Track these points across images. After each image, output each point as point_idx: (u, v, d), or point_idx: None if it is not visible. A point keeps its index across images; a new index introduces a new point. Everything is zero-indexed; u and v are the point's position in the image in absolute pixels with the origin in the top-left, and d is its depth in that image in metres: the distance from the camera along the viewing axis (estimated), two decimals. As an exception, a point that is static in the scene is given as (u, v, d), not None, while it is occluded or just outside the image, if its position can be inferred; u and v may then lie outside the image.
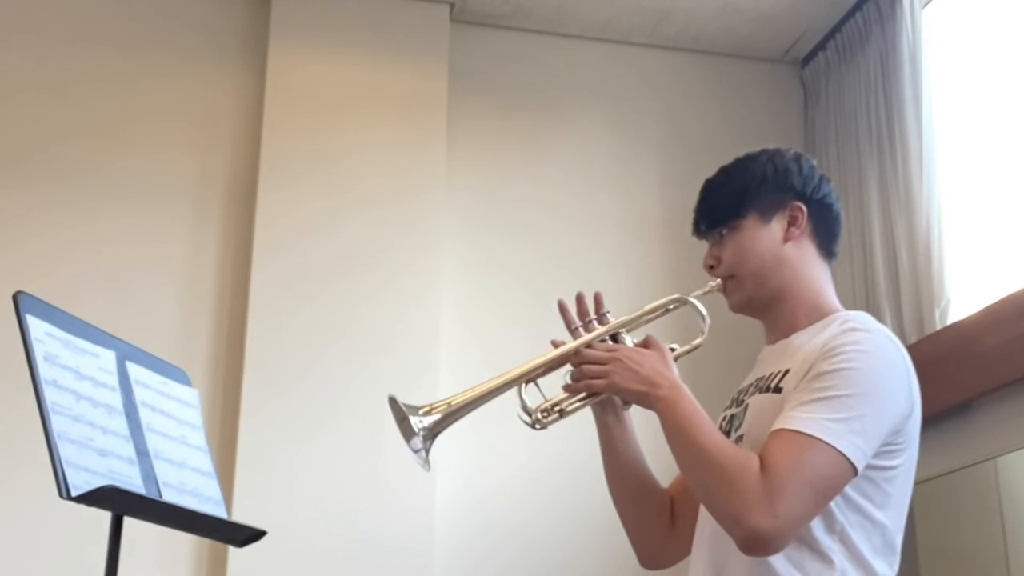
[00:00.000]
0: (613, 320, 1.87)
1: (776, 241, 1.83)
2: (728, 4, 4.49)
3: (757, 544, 1.57)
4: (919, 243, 3.87)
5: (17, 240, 3.95)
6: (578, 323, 1.89)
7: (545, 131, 4.57)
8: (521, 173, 4.50)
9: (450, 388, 4.09)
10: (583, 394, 1.84)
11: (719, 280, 1.86)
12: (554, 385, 1.86)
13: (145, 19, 4.32)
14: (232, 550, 3.61)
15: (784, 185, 1.85)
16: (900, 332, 3.96)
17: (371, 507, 3.82)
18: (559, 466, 4.11)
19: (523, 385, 1.87)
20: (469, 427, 4.51)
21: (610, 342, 1.84)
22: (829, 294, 1.85)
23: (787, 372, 1.72)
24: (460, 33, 4.51)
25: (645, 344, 1.82)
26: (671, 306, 1.91)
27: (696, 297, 1.88)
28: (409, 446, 1.87)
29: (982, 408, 3.54)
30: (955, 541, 3.54)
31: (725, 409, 1.87)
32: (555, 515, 4.09)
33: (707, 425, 1.68)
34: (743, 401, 1.81)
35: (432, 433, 1.87)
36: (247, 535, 2.05)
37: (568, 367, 1.85)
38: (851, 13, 4.48)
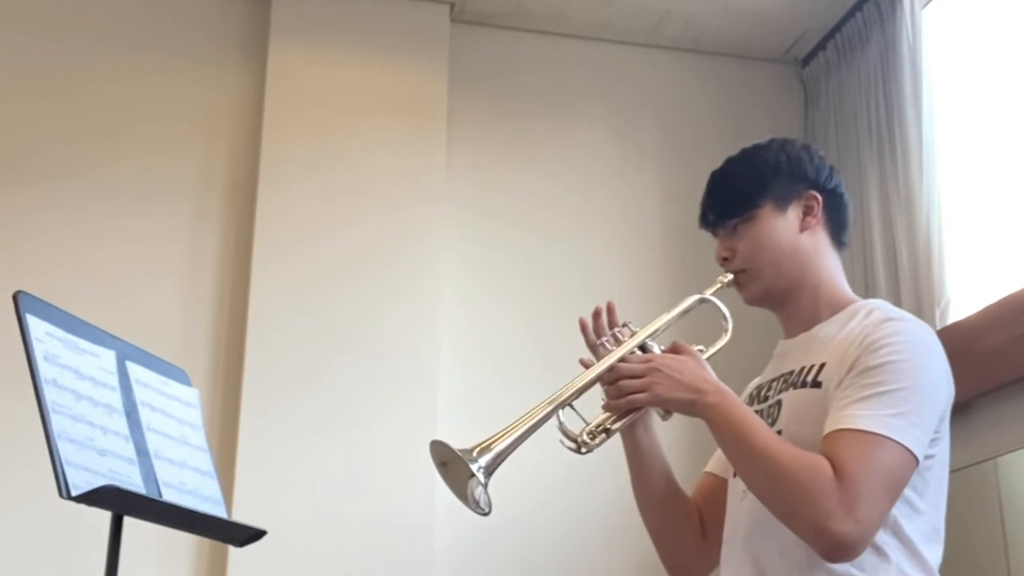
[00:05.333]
0: (637, 330, 1.80)
1: (793, 231, 1.80)
2: (728, 4, 4.49)
3: (841, 551, 1.54)
4: (919, 243, 3.87)
5: (17, 240, 3.95)
6: (601, 338, 1.81)
7: (545, 131, 4.57)
8: (521, 173, 4.50)
9: (450, 388, 4.13)
10: (626, 410, 1.75)
11: (731, 275, 1.81)
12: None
13: (145, 19, 4.31)
14: (232, 550, 3.60)
15: (798, 174, 1.83)
16: (900, 332, 3.95)
17: (371, 506, 3.82)
18: (560, 468, 4.10)
19: (560, 412, 1.77)
20: (470, 426, 4.49)
21: (639, 353, 1.76)
22: (844, 284, 1.83)
23: (823, 366, 1.68)
24: (460, 33, 4.50)
25: (675, 350, 1.75)
26: (691, 307, 1.86)
27: (712, 298, 1.84)
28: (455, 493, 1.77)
29: (982, 408, 3.54)
30: (955, 541, 3.53)
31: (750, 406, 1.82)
32: (555, 517, 4.08)
33: (764, 428, 1.62)
34: (768, 397, 1.76)
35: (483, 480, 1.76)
36: (247, 535, 2.05)
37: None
38: (851, 13, 4.48)
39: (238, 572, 3.64)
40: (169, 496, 1.92)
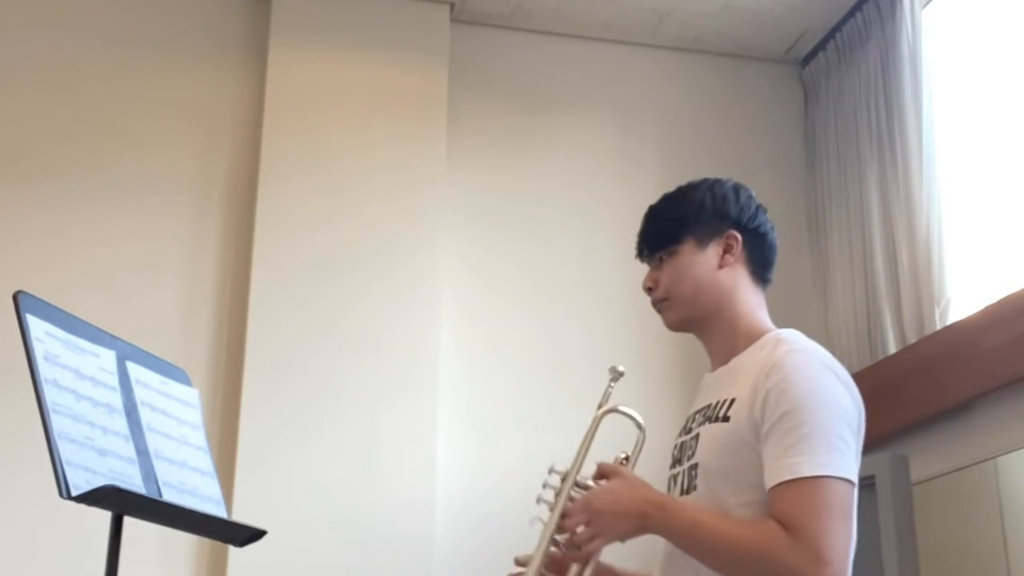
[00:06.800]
0: (563, 471, 1.88)
1: (711, 267, 1.92)
2: (728, 4, 4.49)
3: None
4: (919, 243, 3.87)
5: (17, 240, 3.95)
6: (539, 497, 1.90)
7: (546, 131, 4.57)
8: (521, 172, 4.50)
9: (450, 385, 4.12)
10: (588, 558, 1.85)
11: (618, 373, 1.93)
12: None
13: (145, 18, 4.32)
14: (232, 550, 3.60)
15: (721, 214, 1.95)
16: (900, 332, 3.96)
17: (371, 506, 3.82)
18: (559, 462, 4.10)
19: None
20: (469, 424, 4.50)
21: (575, 492, 1.85)
22: (762, 317, 1.94)
23: (733, 401, 1.79)
24: (460, 33, 4.50)
25: (602, 475, 1.84)
26: (599, 423, 1.95)
27: (618, 407, 1.93)
28: None
29: (982, 408, 3.54)
30: (955, 541, 3.54)
31: (677, 436, 1.95)
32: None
33: (711, 521, 1.72)
34: (691, 429, 1.89)
35: None
36: (247, 535, 2.06)
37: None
38: (851, 13, 4.48)
39: (238, 572, 3.64)
40: (169, 496, 1.92)
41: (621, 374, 1.95)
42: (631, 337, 4.23)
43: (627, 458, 1.90)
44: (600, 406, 1.95)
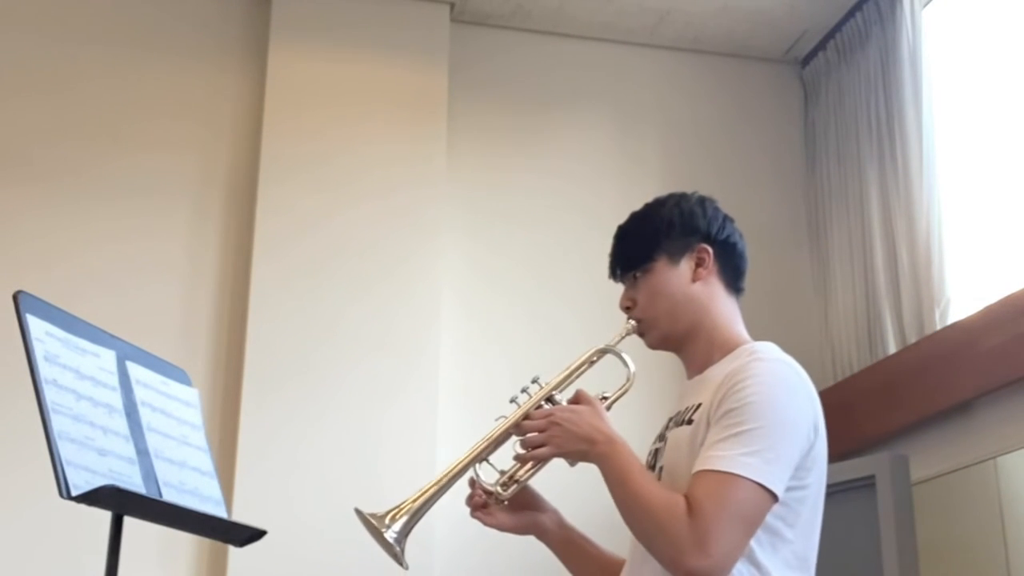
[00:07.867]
0: (545, 383, 1.96)
1: (685, 281, 1.95)
2: (728, 4, 4.49)
3: None
4: (919, 243, 3.87)
5: (17, 240, 3.95)
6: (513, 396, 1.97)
7: (546, 131, 4.57)
8: (522, 171, 4.50)
9: (451, 383, 4.10)
10: (532, 462, 1.94)
11: (633, 322, 1.99)
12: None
13: (146, 18, 4.32)
14: (232, 550, 3.61)
15: (690, 228, 1.97)
16: (900, 332, 3.96)
17: (371, 505, 3.81)
18: (563, 470, 4.10)
19: (476, 466, 1.99)
20: (469, 423, 4.49)
21: (547, 406, 1.92)
22: (738, 328, 1.96)
23: (699, 406, 1.83)
24: (460, 33, 4.50)
25: (576, 400, 1.90)
26: (595, 358, 2.02)
27: (617, 345, 2.00)
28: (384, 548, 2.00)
29: (982, 408, 3.54)
30: (955, 541, 3.54)
31: (652, 444, 1.98)
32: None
33: (638, 474, 1.77)
34: (665, 436, 1.93)
35: (400, 537, 2.04)
36: (247, 535, 2.06)
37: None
38: (851, 13, 4.48)
39: (238, 572, 3.64)
40: (169, 496, 1.92)
41: (636, 330, 1.98)
42: (632, 336, 4.23)
43: (605, 397, 1.94)
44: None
